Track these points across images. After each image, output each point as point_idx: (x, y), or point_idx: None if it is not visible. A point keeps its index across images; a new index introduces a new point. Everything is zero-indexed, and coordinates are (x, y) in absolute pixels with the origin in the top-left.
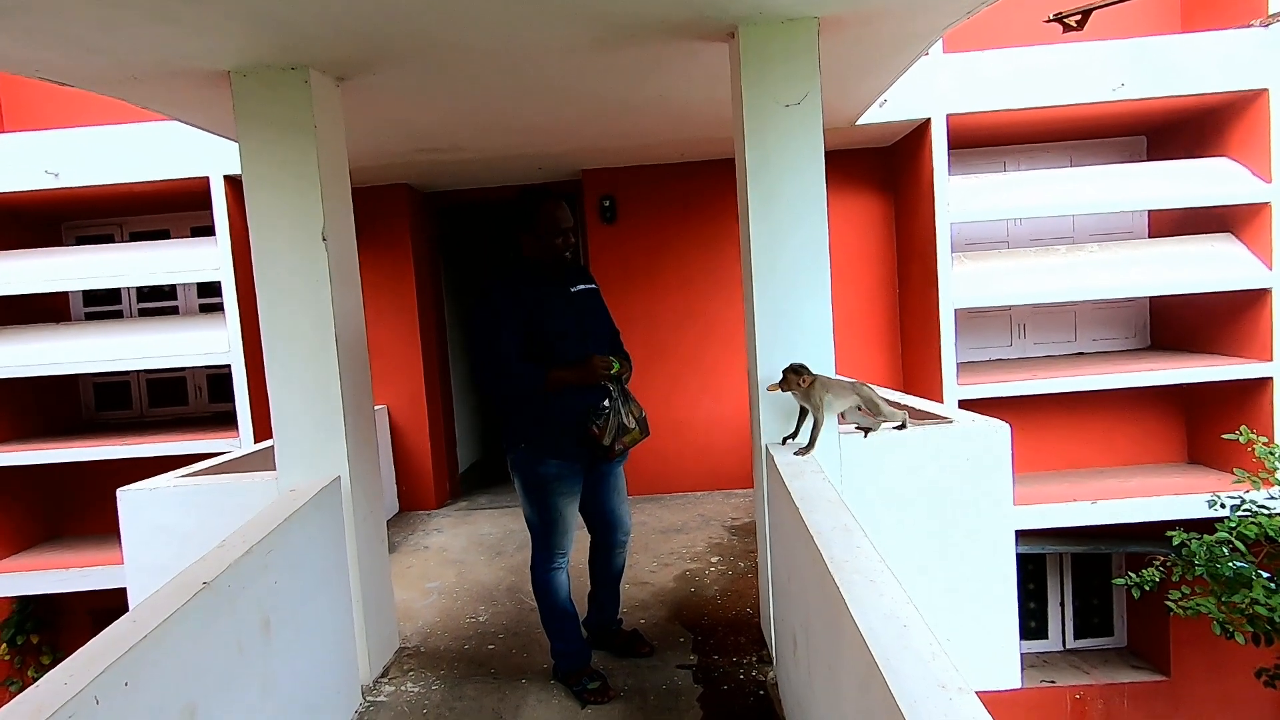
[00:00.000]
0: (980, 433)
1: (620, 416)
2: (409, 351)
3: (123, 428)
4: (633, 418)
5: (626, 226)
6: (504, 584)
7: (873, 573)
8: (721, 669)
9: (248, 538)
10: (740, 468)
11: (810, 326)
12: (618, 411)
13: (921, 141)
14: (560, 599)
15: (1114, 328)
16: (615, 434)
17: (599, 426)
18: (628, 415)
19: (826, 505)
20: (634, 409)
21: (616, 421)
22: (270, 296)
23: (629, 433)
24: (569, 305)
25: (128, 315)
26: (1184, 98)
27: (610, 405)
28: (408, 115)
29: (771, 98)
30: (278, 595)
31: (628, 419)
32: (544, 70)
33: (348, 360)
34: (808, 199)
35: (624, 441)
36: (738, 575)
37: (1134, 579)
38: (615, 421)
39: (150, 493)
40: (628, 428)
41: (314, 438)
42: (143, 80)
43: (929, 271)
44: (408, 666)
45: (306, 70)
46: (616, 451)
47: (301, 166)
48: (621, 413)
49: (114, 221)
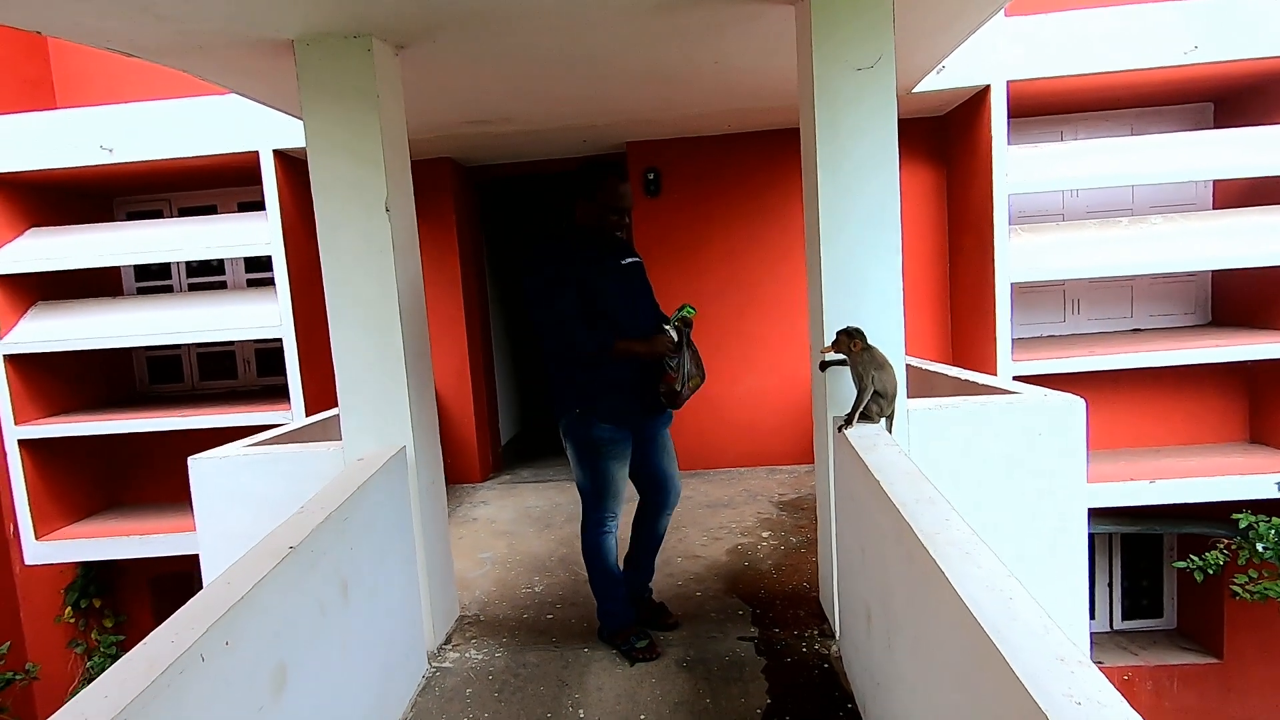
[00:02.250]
0: (1056, 407)
1: (688, 365)
2: (453, 325)
3: (176, 400)
4: (697, 365)
5: (670, 199)
6: (556, 555)
7: (966, 544)
8: (784, 642)
9: (325, 504)
10: (786, 444)
11: (878, 296)
12: (683, 360)
13: (979, 110)
14: (609, 561)
15: (1173, 303)
16: (684, 379)
17: (674, 371)
18: (694, 363)
19: (906, 477)
20: (696, 356)
21: (686, 367)
22: (335, 266)
23: (693, 378)
24: (619, 276)
25: (178, 290)
26: (1260, 60)
27: (681, 355)
28: (461, 85)
29: (843, 61)
30: (354, 560)
31: (694, 366)
32: (601, 36)
33: (410, 330)
34: (879, 167)
35: (689, 386)
36: (790, 550)
37: (1196, 561)
38: (685, 368)
39: (221, 461)
40: (692, 373)
41: (379, 408)
42: (207, 50)
43: (984, 244)
44: (470, 634)
45: (369, 39)
46: (683, 397)
47: (364, 137)
48: (687, 361)
49: (163, 197)
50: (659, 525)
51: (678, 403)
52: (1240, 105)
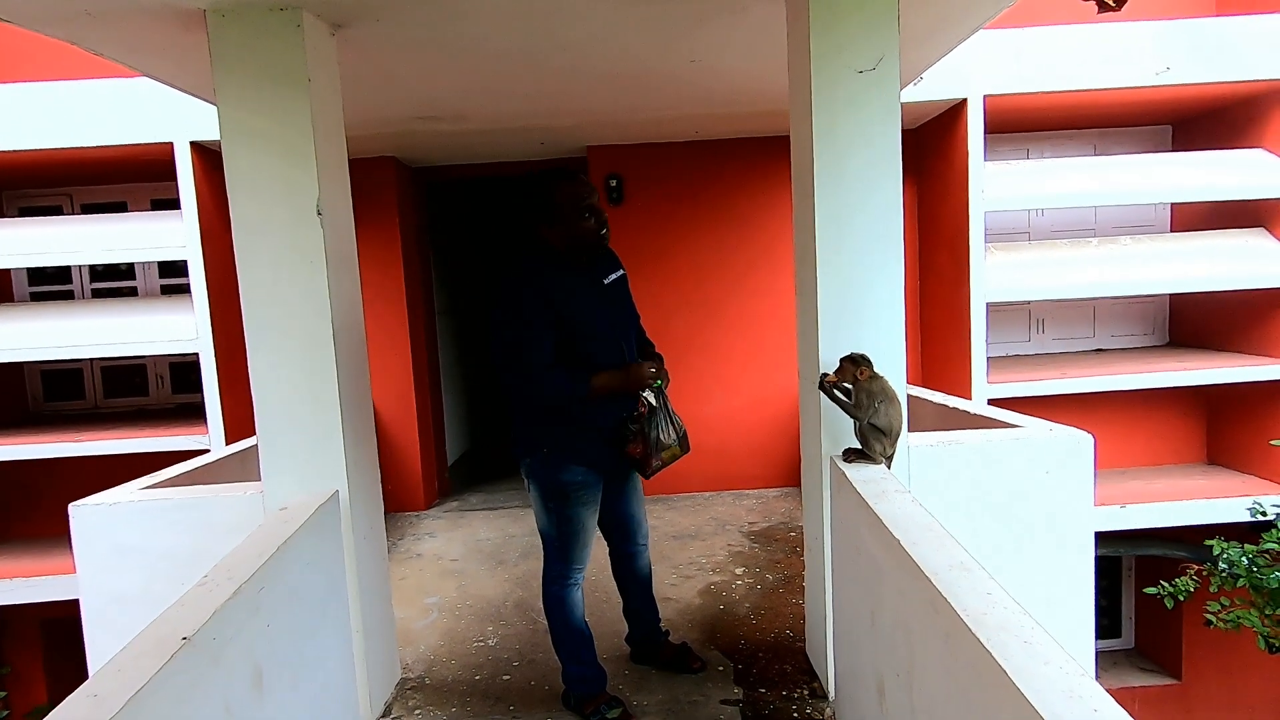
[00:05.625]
0: (1062, 443)
1: (659, 430)
2: (396, 341)
3: (75, 420)
4: (672, 431)
5: (634, 208)
6: (511, 599)
7: (1022, 630)
8: (772, 705)
9: (234, 574)
10: (754, 467)
11: (879, 321)
12: (656, 425)
13: (955, 124)
14: (576, 618)
15: (1133, 323)
16: (654, 449)
17: (635, 440)
18: (667, 428)
19: (930, 536)
20: (674, 422)
21: (655, 435)
22: (255, 280)
23: (667, 448)
24: (601, 299)
25: (79, 296)
26: (1227, 84)
27: (649, 418)
28: (408, 75)
29: (843, 63)
30: (271, 640)
31: (666, 433)
32: (570, 24)
33: (346, 354)
34: (881, 179)
35: (662, 458)
36: (768, 590)
37: (1167, 588)
38: (654, 436)
39: (110, 509)
40: (665, 444)
41: (307, 445)
42: (98, 17)
43: (959, 262)
44: (412, 702)
45: (299, 12)
46: (654, 468)
47: (292, 127)
48: (660, 426)
49: (63, 191)
50: (640, 567)
51: (646, 473)
52: (1198, 129)
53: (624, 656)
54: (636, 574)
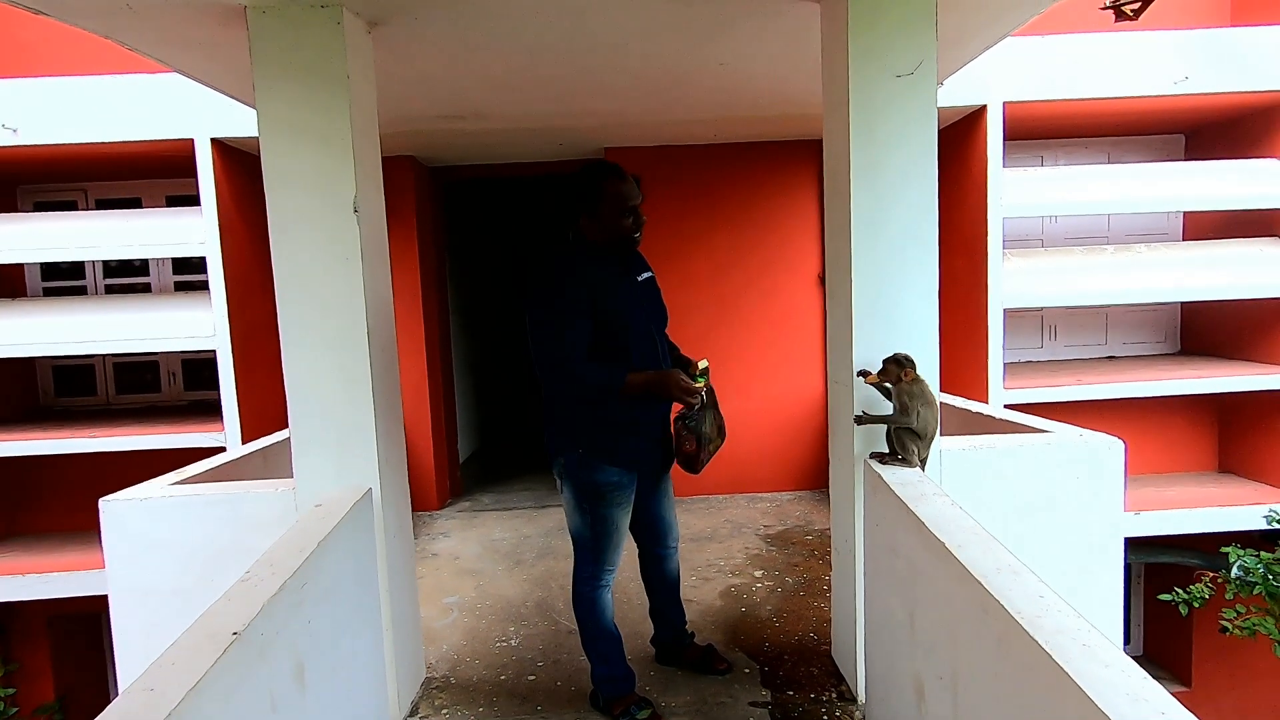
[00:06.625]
0: (1093, 448)
1: (707, 426)
2: (411, 340)
3: (87, 416)
4: (717, 426)
5: (650, 210)
6: (531, 599)
7: (1080, 633)
8: (801, 707)
9: (278, 569)
10: (767, 470)
11: (913, 323)
12: (708, 421)
13: (974, 130)
14: (606, 619)
15: (1144, 331)
16: (703, 443)
17: (688, 437)
18: (714, 425)
19: (975, 539)
20: (718, 417)
21: (706, 431)
22: (290, 276)
23: (713, 442)
24: (634, 296)
25: (92, 292)
26: (1242, 94)
27: (701, 414)
28: (438, 71)
29: (882, 66)
30: (312, 637)
31: (714, 428)
32: (603, 23)
33: (378, 352)
34: (917, 179)
35: (709, 450)
36: (789, 593)
37: (1182, 595)
38: (705, 431)
39: (141, 504)
40: (710, 437)
41: (340, 442)
42: (138, 12)
43: (976, 268)
44: (439, 702)
45: (339, 9)
46: (702, 463)
47: (331, 124)
48: (708, 422)
49: (78, 186)
50: (669, 569)
51: (696, 469)
52: (1210, 138)
53: (648, 658)
54: (666, 576)
